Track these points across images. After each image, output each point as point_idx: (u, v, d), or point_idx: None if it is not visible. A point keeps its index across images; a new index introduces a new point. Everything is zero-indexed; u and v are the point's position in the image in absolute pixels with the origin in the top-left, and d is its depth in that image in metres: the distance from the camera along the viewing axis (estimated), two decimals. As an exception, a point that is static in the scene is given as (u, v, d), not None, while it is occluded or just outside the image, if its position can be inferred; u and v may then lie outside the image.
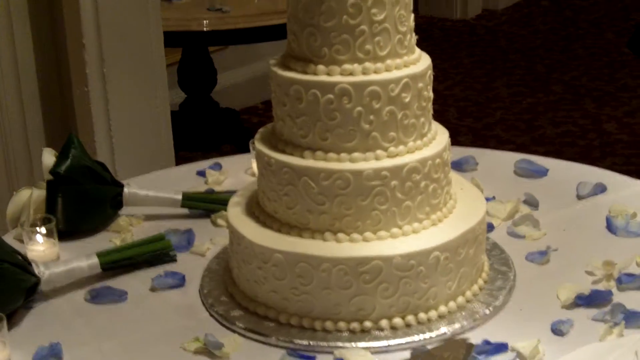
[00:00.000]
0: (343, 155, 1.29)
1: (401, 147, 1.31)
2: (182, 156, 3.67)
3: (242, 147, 3.54)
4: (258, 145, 1.37)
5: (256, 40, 2.94)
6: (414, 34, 1.35)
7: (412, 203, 1.31)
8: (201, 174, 1.80)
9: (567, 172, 1.76)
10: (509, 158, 1.83)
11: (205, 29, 2.65)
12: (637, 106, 4.37)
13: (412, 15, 1.34)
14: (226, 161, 1.85)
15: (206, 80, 3.20)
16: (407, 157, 1.31)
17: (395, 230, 1.30)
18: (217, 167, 1.81)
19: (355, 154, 1.29)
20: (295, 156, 1.31)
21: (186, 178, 1.78)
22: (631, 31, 4.74)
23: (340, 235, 1.29)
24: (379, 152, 1.30)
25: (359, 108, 1.28)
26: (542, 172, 1.77)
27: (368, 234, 1.29)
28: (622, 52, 5.01)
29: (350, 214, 1.29)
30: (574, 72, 4.84)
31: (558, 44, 5.31)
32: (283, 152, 1.33)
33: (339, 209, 1.29)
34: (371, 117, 1.29)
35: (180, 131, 2.68)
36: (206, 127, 3.29)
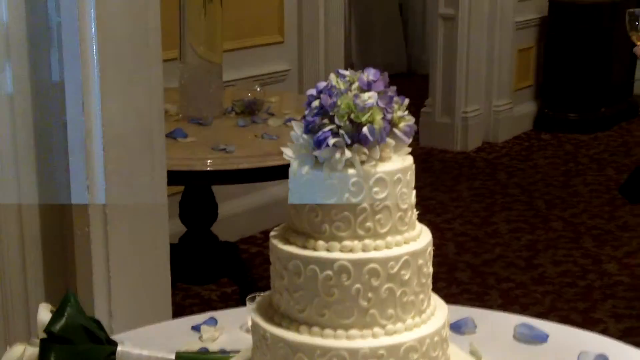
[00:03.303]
0: (340, 332, 1.28)
1: (399, 325, 1.30)
2: (180, 287, 3.66)
3: (238, 280, 3.54)
4: (254, 316, 1.35)
5: (259, 180, 2.97)
6: (414, 210, 1.36)
7: (409, 383, 1.28)
8: (196, 328, 1.78)
9: (568, 339, 1.74)
10: (509, 321, 1.81)
11: (209, 168, 2.67)
12: (638, 247, 4.36)
13: (414, 192, 1.35)
14: (221, 315, 1.83)
15: (207, 215, 3.23)
16: (405, 335, 1.29)
17: (391, 411, 1.27)
18: (213, 321, 1.79)
19: (352, 331, 1.28)
20: (291, 331, 1.29)
21: (181, 333, 1.76)
22: (631, 168, 4.78)
23: (335, 415, 1.26)
24: (376, 329, 1.28)
25: (358, 285, 1.27)
26: (542, 338, 1.75)
27: (363, 415, 1.26)
28: (622, 190, 5.05)
29: (345, 393, 1.26)
30: (574, 209, 4.84)
31: (558, 179, 5.35)
32: (279, 325, 1.31)
33: (334, 388, 1.26)
34: (369, 294, 1.28)
35: (178, 263, 2.68)
36: (204, 261, 3.29)
